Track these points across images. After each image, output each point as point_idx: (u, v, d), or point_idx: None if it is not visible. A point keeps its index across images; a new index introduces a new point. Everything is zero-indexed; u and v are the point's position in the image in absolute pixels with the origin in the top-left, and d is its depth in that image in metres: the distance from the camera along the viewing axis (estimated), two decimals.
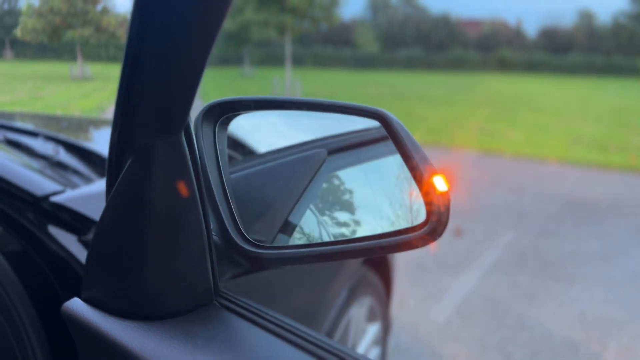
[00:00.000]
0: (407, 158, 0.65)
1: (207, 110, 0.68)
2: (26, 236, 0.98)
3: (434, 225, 0.63)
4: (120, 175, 0.56)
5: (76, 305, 0.69)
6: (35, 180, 0.99)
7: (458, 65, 44.38)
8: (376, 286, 1.94)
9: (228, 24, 27.37)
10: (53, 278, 0.97)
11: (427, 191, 0.63)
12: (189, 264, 0.61)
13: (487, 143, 9.96)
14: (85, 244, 1.02)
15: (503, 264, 3.99)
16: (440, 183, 0.63)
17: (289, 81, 19.94)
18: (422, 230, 0.64)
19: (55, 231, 1.00)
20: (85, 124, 2.39)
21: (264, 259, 0.64)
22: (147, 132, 0.54)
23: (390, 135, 0.67)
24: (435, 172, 0.63)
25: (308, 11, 21.06)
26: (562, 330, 2.97)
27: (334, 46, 46.61)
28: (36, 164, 1.22)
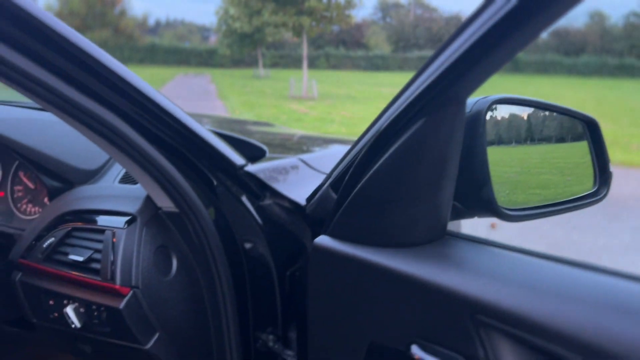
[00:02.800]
0: (600, 154, 1.04)
1: (491, 103, 0.86)
2: (223, 199, 1.16)
3: (606, 192, 1.03)
4: (408, 133, 0.74)
5: (326, 240, 0.89)
6: (233, 153, 1.18)
7: None
8: None
9: (244, 26, 27.64)
10: (236, 234, 1.16)
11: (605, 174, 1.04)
12: (441, 205, 0.79)
13: None
14: (259, 208, 1.22)
15: None
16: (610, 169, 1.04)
17: (305, 81, 20.15)
18: (600, 196, 1.02)
19: (243, 196, 1.20)
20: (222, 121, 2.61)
21: (514, 217, 0.86)
22: (442, 100, 0.71)
23: (592, 137, 1.04)
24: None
25: (325, 12, 21.27)
26: None
27: (345, 47, 46.96)
28: None
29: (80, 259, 1.12)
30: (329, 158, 1.69)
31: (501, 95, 0.87)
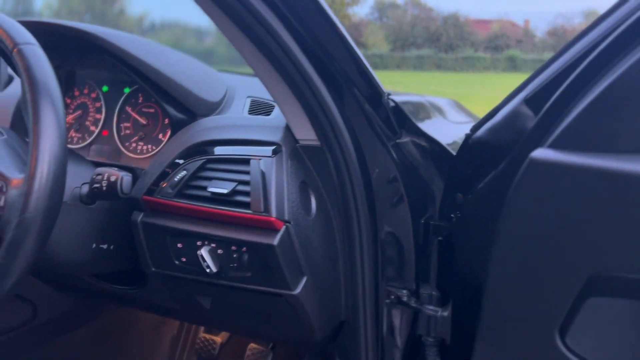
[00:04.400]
0: None
1: None
2: (363, 133, 1.05)
3: None
4: None
5: (549, 153, 0.77)
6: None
7: (468, 65, 44.44)
8: None
9: None
10: (372, 173, 1.07)
11: None
12: None
13: None
14: (395, 146, 1.11)
15: None
16: None
17: None
18: None
19: (382, 131, 1.09)
20: None
21: None
22: None
23: None
24: None
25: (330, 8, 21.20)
26: None
27: None
28: None
29: (224, 190, 1.00)
30: (445, 104, 1.57)
31: None
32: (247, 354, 1.66)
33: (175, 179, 1.05)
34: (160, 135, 1.20)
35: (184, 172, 1.05)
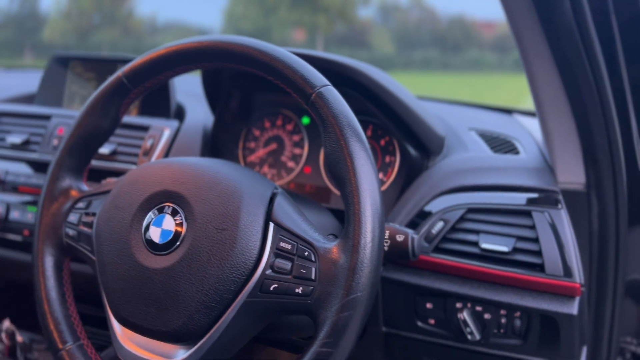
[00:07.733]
0: None
1: None
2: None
3: None
4: None
5: None
6: None
7: (475, 66, 44.28)
8: None
9: (252, 24, 27.40)
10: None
11: None
12: None
13: None
14: None
15: None
16: None
17: None
18: None
19: None
20: None
21: None
22: None
23: None
24: None
25: (341, 10, 21.11)
26: None
27: (349, 47, 46.48)
28: None
29: (505, 248, 0.87)
30: None
31: None
32: None
33: (433, 231, 0.92)
34: (381, 175, 1.07)
35: (441, 224, 0.92)
